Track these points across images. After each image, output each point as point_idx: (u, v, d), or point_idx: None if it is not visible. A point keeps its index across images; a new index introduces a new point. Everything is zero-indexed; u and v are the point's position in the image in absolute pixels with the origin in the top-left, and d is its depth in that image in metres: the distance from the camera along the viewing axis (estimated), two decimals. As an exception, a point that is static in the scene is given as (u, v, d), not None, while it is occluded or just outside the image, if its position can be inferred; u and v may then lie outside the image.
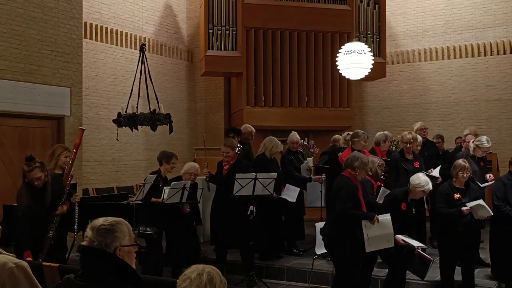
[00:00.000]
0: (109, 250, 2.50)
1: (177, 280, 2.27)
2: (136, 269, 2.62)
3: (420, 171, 6.87)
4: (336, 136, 9.21)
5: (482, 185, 7.17)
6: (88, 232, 2.55)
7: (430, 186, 5.80)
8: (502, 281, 6.41)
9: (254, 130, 8.71)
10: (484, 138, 7.45)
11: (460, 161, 6.19)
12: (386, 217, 5.54)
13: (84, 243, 2.55)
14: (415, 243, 5.76)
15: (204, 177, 7.26)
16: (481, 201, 5.90)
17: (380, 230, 5.51)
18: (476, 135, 8.25)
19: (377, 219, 5.52)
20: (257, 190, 6.68)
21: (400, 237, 5.73)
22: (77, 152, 6.29)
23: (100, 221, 2.57)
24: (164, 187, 6.66)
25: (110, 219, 2.59)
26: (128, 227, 2.62)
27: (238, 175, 6.69)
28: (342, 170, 5.75)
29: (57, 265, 4.03)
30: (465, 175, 6.04)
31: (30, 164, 5.65)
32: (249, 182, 6.62)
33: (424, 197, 6.74)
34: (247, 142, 8.44)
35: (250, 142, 8.54)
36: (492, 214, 6.02)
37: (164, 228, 6.84)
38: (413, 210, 5.87)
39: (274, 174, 6.88)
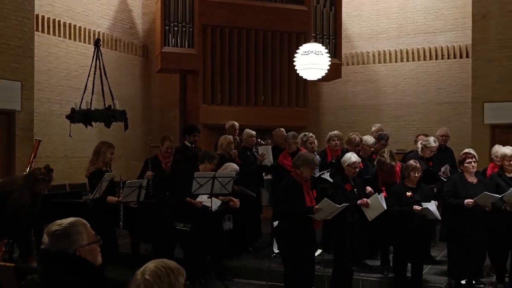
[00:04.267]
0: (69, 252, 2.44)
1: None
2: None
3: (364, 174, 7.02)
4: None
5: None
6: (45, 238, 2.47)
7: (352, 159, 6.19)
8: (453, 278, 6.61)
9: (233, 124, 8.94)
10: (431, 139, 7.77)
11: (412, 161, 6.44)
12: (325, 201, 5.76)
13: (42, 246, 2.48)
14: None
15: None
16: (430, 205, 6.09)
17: (326, 213, 5.81)
18: (445, 135, 8.52)
19: (317, 209, 5.73)
20: (215, 189, 6.68)
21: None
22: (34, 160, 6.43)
23: (55, 225, 2.49)
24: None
25: (65, 222, 2.51)
26: (84, 226, 2.54)
27: (197, 174, 6.69)
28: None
29: (13, 265, 3.94)
30: (416, 175, 6.28)
31: (49, 175, 5.90)
32: (207, 181, 6.61)
33: None
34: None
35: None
36: (440, 218, 6.23)
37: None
38: (355, 189, 6.24)
39: (233, 173, 6.91)
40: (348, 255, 6.18)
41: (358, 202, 6.08)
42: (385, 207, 6.16)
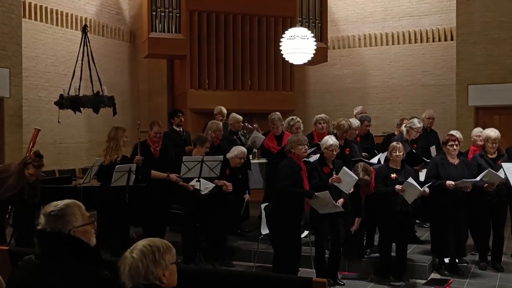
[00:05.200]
0: (64, 232, 2.55)
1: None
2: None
3: (350, 157, 7.14)
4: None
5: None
6: (41, 219, 2.58)
7: (329, 142, 6.15)
8: (437, 256, 6.80)
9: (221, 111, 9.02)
10: (415, 120, 7.86)
11: (394, 142, 6.54)
12: (324, 193, 5.85)
13: (39, 227, 2.59)
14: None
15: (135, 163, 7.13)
16: (410, 179, 6.19)
17: (322, 203, 5.90)
18: (431, 118, 8.65)
19: (316, 196, 5.82)
20: (203, 173, 6.80)
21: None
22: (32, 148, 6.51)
23: (51, 207, 2.59)
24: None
25: (60, 204, 2.61)
26: (79, 207, 2.64)
27: (185, 158, 6.79)
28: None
29: (7, 248, 4.03)
30: (398, 153, 6.36)
31: (39, 160, 5.89)
32: (196, 164, 6.72)
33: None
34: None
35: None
36: (422, 190, 6.23)
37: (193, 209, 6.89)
38: (334, 172, 6.15)
39: (221, 157, 7.01)
40: (326, 236, 6.28)
41: (329, 180, 6.06)
42: (357, 177, 6.27)
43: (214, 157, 6.96)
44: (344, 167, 6.15)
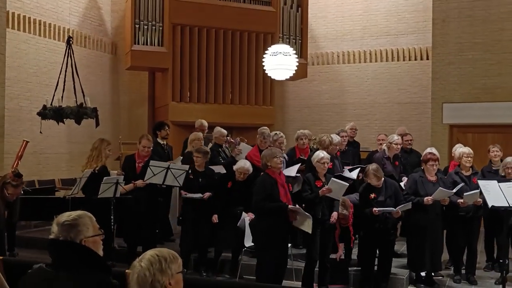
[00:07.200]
0: (76, 241, 2.67)
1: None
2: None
3: (333, 172, 7.31)
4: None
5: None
6: (54, 228, 2.70)
7: (321, 155, 6.35)
8: (413, 270, 7.02)
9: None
10: (394, 135, 8.12)
11: (372, 165, 6.73)
12: (297, 208, 6.07)
13: (51, 236, 2.71)
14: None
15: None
16: (332, 179, 6.39)
17: (302, 218, 6.10)
18: (404, 134, 8.90)
19: (290, 209, 5.97)
20: (167, 180, 6.90)
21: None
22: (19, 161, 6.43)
23: (64, 216, 2.72)
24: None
25: (73, 214, 2.74)
26: (90, 219, 2.78)
27: (152, 163, 6.93)
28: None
29: (1, 258, 4.09)
30: (378, 175, 6.52)
31: (17, 180, 5.82)
32: (161, 170, 6.83)
33: None
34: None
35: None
36: (347, 184, 6.53)
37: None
38: (326, 186, 6.32)
39: (186, 167, 7.08)
40: (317, 250, 6.44)
41: (320, 193, 6.24)
42: (347, 184, 6.47)
43: (181, 166, 7.10)
44: (332, 178, 6.35)
